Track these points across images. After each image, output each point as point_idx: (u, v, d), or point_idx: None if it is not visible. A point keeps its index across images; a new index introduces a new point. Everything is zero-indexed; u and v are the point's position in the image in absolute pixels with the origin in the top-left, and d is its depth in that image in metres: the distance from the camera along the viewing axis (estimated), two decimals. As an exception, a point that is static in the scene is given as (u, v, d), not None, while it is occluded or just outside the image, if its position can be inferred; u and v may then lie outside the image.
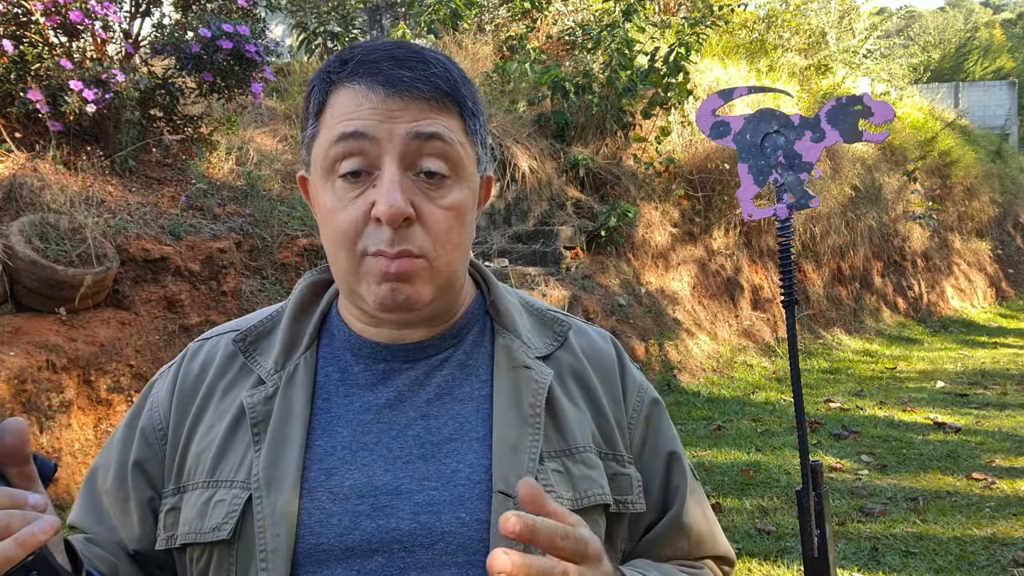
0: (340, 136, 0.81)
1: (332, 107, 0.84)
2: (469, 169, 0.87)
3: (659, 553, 0.96)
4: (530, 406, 0.88)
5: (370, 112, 0.81)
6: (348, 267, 0.84)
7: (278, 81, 6.70)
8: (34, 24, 4.00)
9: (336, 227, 0.83)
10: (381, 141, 0.80)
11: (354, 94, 0.82)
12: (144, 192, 4.43)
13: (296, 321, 0.95)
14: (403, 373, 0.90)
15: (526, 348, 0.93)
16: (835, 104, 1.03)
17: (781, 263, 1.06)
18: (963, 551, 3.32)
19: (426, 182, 0.83)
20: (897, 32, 17.57)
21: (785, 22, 11.20)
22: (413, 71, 0.82)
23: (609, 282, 6.75)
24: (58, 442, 3.27)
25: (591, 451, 0.90)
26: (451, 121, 0.84)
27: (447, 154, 0.83)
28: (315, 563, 0.81)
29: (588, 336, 1.00)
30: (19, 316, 3.49)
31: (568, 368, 0.95)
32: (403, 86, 0.81)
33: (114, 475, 0.94)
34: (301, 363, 0.90)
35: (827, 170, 9.34)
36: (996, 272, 13.52)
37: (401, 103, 0.81)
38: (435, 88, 0.82)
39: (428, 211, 0.83)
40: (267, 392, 0.88)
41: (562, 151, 7.45)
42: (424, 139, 0.81)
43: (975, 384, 6.96)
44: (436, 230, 0.83)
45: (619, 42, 7.22)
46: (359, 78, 0.82)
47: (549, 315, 1.00)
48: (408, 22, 8.65)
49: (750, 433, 5.20)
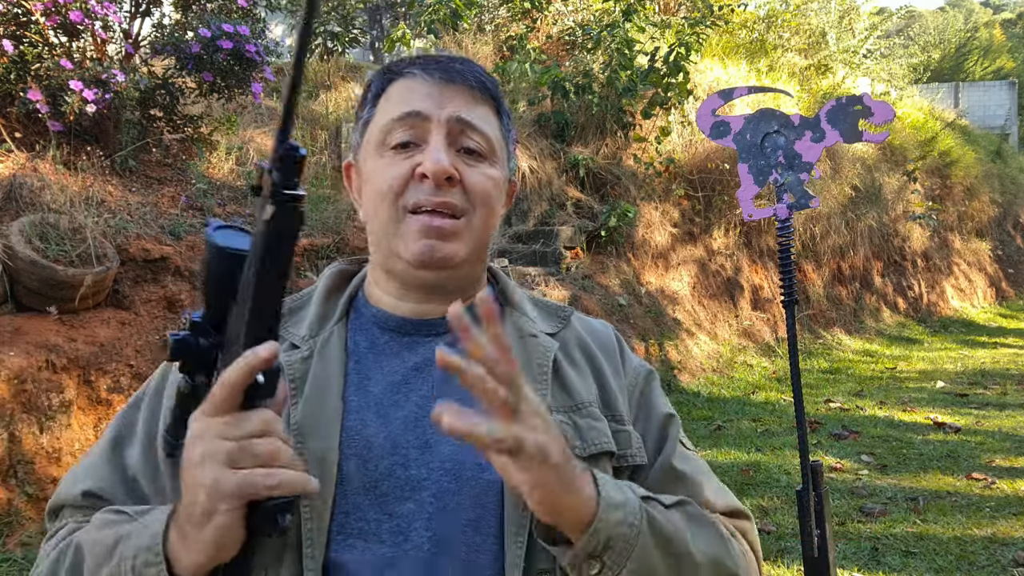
0: (397, 115, 0.93)
1: (390, 93, 0.96)
2: (501, 159, 0.98)
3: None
4: (538, 366, 0.96)
5: (425, 95, 0.93)
6: (388, 221, 0.92)
7: (278, 81, 6.69)
8: (34, 24, 4.00)
9: (381, 183, 0.92)
10: (431, 118, 0.92)
11: (412, 80, 0.94)
12: (144, 192, 4.43)
13: (327, 300, 1.01)
14: (426, 344, 0.96)
15: (532, 323, 1.02)
16: (835, 104, 1.03)
17: (781, 263, 1.06)
18: (963, 551, 3.32)
19: (467, 156, 0.93)
20: (897, 32, 17.57)
21: (785, 22, 11.20)
22: (464, 65, 0.96)
23: (609, 282, 6.75)
24: (58, 442, 3.27)
25: (595, 406, 0.97)
26: (490, 114, 0.97)
27: (486, 137, 0.95)
28: (351, 506, 0.86)
29: (590, 323, 1.09)
30: (19, 316, 3.48)
31: (573, 342, 1.03)
32: (455, 73, 0.94)
33: (142, 450, 0.94)
34: (335, 331, 0.97)
35: (827, 170, 9.33)
36: (996, 272, 13.52)
37: (453, 88, 0.93)
38: (480, 83, 0.96)
39: (469, 174, 0.93)
40: (303, 354, 0.94)
41: (562, 151, 7.44)
42: (466, 124, 0.93)
43: (975, 384, 6.96)
44: (475, 191, 0.93)
45: (619, 42, 7.22)
46: (418, 68, 0.95)
47: (553, 305, 1.09)
48: (408, 22, 8.65)
49: (750, 433, 5.20)
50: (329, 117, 6.66)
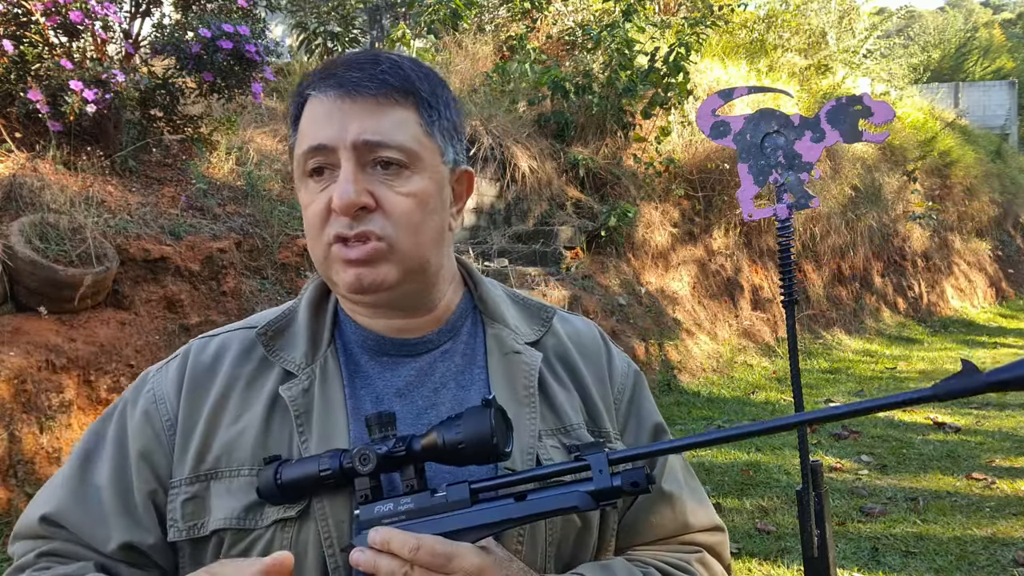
0: (305, 149, 0.90)
1: (303, 118, 0.92)
2: (428, 160, 0.91)
3: (647, 522, 1.00)
4: (524, 387, 0.96)
5: (327, 120, 0.88)
6: (320, 256, 0.92)
7: (278, 81, 6.70)
8: (34, 24, 4.00)
9: (307, 220, 0.92)
10: (336, 148, 0.88)
11: (315, 103, 0.90)
12: (144, 192, 4.43)
13: (314, 318, 1.00)
14: (407, 365, 0.96)
15: (515, 335, 1.00)
16: (835, 104, 1.03)
17: (781, 263, 1.06)
18: (963, 551, 3.32)
19: (384, 172, 0.89)
20: (897, 32, 17.56)
21: (785, 22, 11.20)
22: (363, 71, 0.89)
23: (609, 282, 6.75)
24: (58, 442, 3.27)
25: (583, 428, 0.97)
26: (404, 116, 0.90)
27: (401, 147, 0.89)
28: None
29: (572, 323, 1.07)
30: (19, 316, 3.48)
31: (554, 352, 1.02)
32: (351, 86, 0.88)
33: (113, 468, 0.94)
34: (329, 356, 0.96)
35: (827, 170, 9.33)
36: (996, 272, 13.52)
37: (353, 103, 0.88)
38: (383, 84, 0.89)
39: (387, 198, 0.88)
40: (303, 385, 0.94)
41: (562, 151, 7.44)
42: (373, 145, 0.88)
43: (975, 384, 6.95)
44: (396, 214, 0.89)
45: (619, 42, 7.22)
46: (319, 85, 0.90)
47: (533, 303, 1.06)
48: (408, 22, 8.64)
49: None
50: (329, 117, 6.65)
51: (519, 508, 0.82)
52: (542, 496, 0.81)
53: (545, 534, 0.90)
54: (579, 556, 0.94)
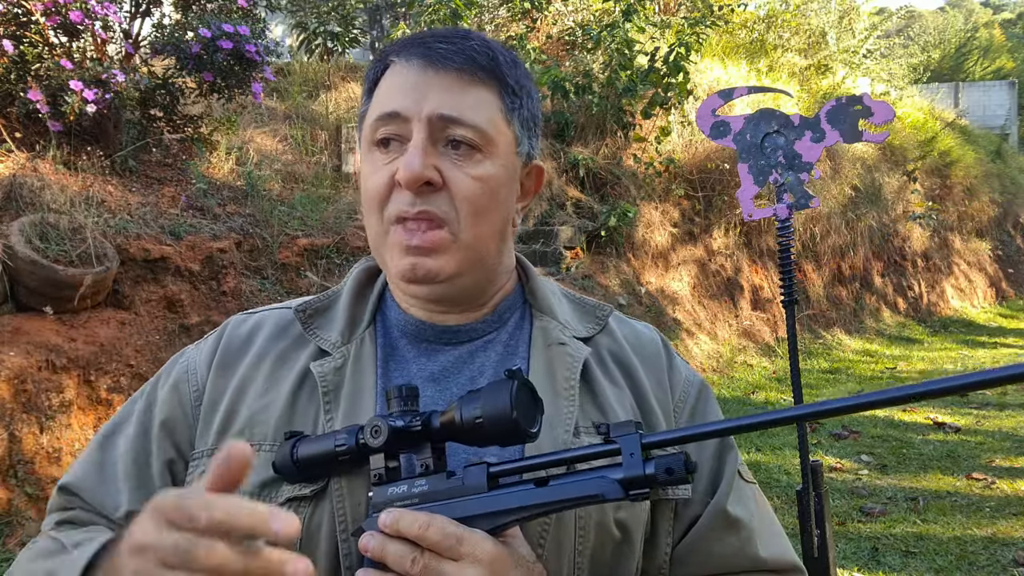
0: (377, 116, 0.85)
1: (381, 85, 0.88)
2: (503, 147, 0.87)
3: (708, 551, 0.90)
4: (564, 379, 0.89)
5: (407, 88, 0.84)
6: (376, 233, 0.87)
7: (278, 81, 6.71)
8: (34, 24, 4.00)
9: (366, 192, 0.87)
10: (411, 118, 0.83)
11: (396, 70, 0.86)
12: (144, 192, 4.43)
13: (356, 301, 0.96)
14: (447, 352, 0.92)
15: (563, 328, 0.94)
16: (835, 104, 1.03)
17: (781, 263, 1.06)
18: (963, 551, 3.32)
19: (454, 152, 0.84)
20: (897, 32, 17.57)
21: (785, 22, 11.20)
22: (451, 44, 0.85)
23: (609, 282, 6.75)
24: (58, 442, 3.27)
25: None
26: (487, 96, 0.85)
27: (476, 128, 0.84)
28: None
29: (630, 325, 1.01)
30: (19, 316, 3.48)
31: (608, 351, 0.95)
32: (437, 57, 0.84)
33: (134, 436, 0.93)
34: (366, 337, 0.93)
35: (827, 170, 9.34)
36: (996, 272, 13.52)
37: (436, 75, 0.83)
38: (470, 60, 0.84)
39: (455, 178, 0.84)
40: (335, 363, 0.90)
41: (562, 151, 7.45)
42: (448, 120, 0.83)
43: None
44: (461, 197, 0.84)
45: (619, 42, 7.22)
46: (404, 52, 0.86)
47: (590, 302, 1.01)
48: (408, 22, 8.64)
49: (750, 433, 5.20)
50: (329, 117, 6.66)
51: (538, 495, 0.74)
52: (563, 483, 0.74)
53: (574, 540, 0.83)
54: (619, 575, 0.86)
